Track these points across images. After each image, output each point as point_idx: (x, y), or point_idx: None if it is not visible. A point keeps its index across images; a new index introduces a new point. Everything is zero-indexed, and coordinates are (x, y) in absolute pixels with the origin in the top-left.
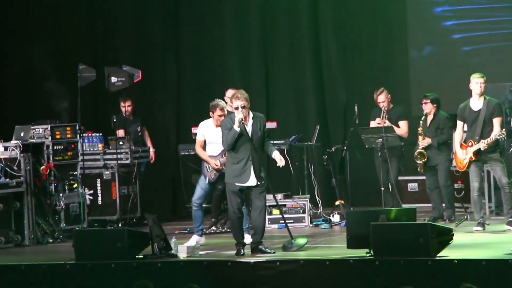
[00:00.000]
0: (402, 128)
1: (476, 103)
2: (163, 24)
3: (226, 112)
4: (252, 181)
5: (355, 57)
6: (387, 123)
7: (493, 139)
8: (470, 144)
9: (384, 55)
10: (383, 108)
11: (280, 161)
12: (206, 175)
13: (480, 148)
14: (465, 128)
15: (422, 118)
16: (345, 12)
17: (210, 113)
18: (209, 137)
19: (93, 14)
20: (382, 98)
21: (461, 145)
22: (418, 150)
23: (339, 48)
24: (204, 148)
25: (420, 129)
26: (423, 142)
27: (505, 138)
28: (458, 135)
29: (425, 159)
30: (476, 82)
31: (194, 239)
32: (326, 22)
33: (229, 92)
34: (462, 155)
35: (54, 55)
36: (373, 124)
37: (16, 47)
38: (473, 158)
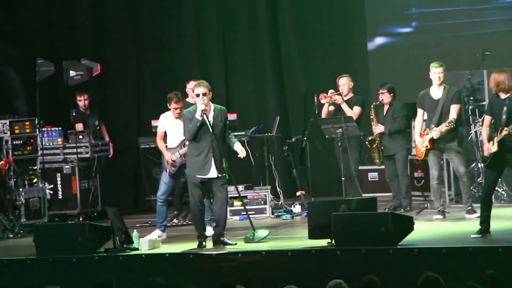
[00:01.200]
0: (354, 111)
1: (436, 91)
2: (122, 16)
3: (182, 105)
4: (213, 173)
5: (314, 47)
6: (336, 98)
7: (444, 128)
8: (426, 132)
9: (343, 45)
10: (341, 91)
11: (241, 152)
12: (166, 168)
13: (434, 136)
14: (425, 117)
15: (374, 104)
16: (303, 2)
17: (168, 105)
18: (169, 129)
19: (51, 7)
20: (342, 82)
21: (420, 134)
22: (369, 137)
23: (298, 38)
24: (165, 140)
25: (372, 112)
26: (376, 128)
27: (453, 125)
28: (418, 123)
29: (375, 145)
30: (435, 72)
31: (155, 234)
32: (284, 13)
33: (191, 84)
34: (420, 143)
35: (11, 48)
36: (325, 109)
37: None
38: (429, 146)
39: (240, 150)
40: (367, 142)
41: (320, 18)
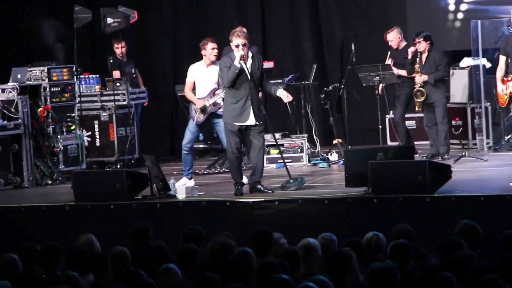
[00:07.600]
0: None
1: None
2: None
3: (216, 45)
4: (251, 120)
5: None
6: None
7: None
8: (510, 78)
9: None
10: (390, 46)
11: (287, 98)
12: (194, 117)
13: None
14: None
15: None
16: None
17: (202, 52)
18: (199, 79)
19: None
20: (390, 37)
21: (502, 80)
22: (417, 88)
23: None
24: (193, 91)
25: (417, 66)
26: (420, 78)
27: None
28: (500, 70)
29: (424, 97)
30: None
31: (182, 181)
32: None
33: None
34: (502, 91)
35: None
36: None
37: None
38: None
39: (285, 96)
40: (415, 97)
41: None
